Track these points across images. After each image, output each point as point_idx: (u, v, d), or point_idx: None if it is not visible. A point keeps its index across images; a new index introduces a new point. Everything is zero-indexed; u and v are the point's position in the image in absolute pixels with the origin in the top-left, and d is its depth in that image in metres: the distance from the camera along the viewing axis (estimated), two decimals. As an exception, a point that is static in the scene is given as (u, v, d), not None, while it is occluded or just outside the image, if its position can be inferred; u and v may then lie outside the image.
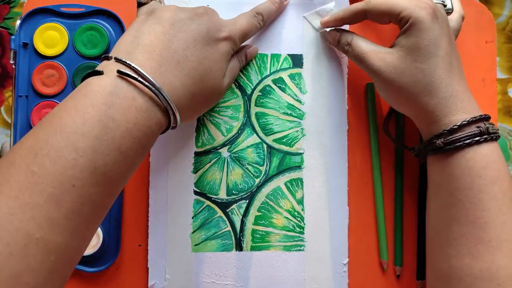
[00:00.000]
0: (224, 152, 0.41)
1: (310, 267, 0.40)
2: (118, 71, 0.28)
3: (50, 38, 0.40)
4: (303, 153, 0.41)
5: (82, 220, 0.25)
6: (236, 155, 0.41)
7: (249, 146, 0.41)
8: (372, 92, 0.42)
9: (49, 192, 0.24)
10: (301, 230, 0.40)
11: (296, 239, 0.40)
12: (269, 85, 0.41)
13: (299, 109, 0.41)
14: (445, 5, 0.38)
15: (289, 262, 0.40)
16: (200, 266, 0.39)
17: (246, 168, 0.41)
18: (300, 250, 0.40)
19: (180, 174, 0.40)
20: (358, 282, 0.40)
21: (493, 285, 0.30)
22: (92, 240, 0.36)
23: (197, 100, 0.32)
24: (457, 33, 0.39)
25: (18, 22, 0.40)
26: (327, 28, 0.40)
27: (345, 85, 0.42)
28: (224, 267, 0.39)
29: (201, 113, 0.37)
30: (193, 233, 0.40)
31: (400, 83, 0.35)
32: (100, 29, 0.40)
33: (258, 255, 0.40)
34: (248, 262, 0.40)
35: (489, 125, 0.33)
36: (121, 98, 0.27)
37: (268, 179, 0.41)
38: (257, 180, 0.40)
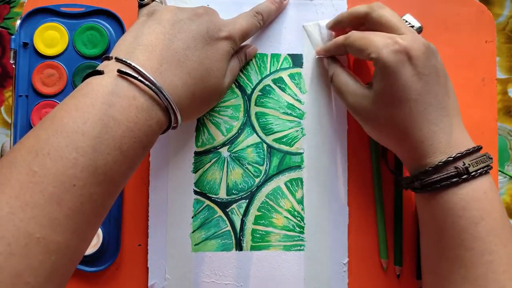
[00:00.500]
0: (224, 151, 0.41)
1: (310, 267, 0.40)
2: (119, 70, 0.28)
3: (50, 38, 0.40)
4: (303, 153, 0.41)
5: (83, 219, 0.25)
6: (236, 154, 0.41)
7: (249, 145, 0.41)
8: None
9: (50, 192, 0.24)
10: (301, 230, 0.40)
11: (296, 238, 0.40)
12: (269, 85, 0.41)
13: (299, 109, 0.41)
14: (412, 26, 0.37)
15: (289, 262, 0.40)
16: (200, 266, 0.39)
17: (246, 168, 0.41)
18: (300, 250, 0.40)
19: (180, 173, 0.40)
20: (358, 282, 0.40)
21: None
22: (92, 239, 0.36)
23: (198, 100, 0.33)
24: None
25: (18, 22, 0.40)
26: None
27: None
28: (224, 267, 0.39)
29: (202, 113, 0.37)
30: (193, 232, 0.40)
31: (375, 125, 0.35)
32: (100, 29, 0.40)
33: (258, 255, 0.40)
34: (248, 261, 0.40)
35: (472, 161, 0.31)
36: (122, 98, 0.27)
37: (268, 178, 0.41)
38: (257, 180, 0.41)
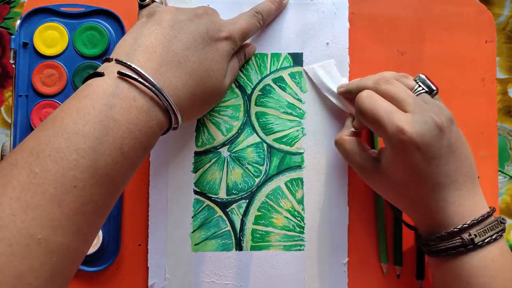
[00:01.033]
0: (224, 151, 0.41)
1: (310, 266, 0.40)
2: (119, 72, 0.28)
3: (50, 37, 0.40)
4: (303, 153, 0.41)
5: (84, 220, 0.25)
6: (236, 154, 0.41)
7: (249, 145, 0.41)
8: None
9: (51, 193, 0.24)
10: (301, 229, 0.40)
11: (296, 238, 0.40)
12: (269, 84, 0.41)
13: (300, 108, 0.41)
14: (426, 91, 0.34)
15: (289, 262, 0.40)
16: (200, 266, 0.39)
17: (246, 168, 0.41)
18: (300, 249, 0.40)
19: (180, 173, 0.40)
20: (358, 282, 0.40)
21: None
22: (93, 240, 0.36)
23: (198, 101, 0.33)
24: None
25: (18, 22, 0.40)
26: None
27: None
28: (224, 267, 0.40)
29: (203, 113, 0.37)
30: (193, 232, 0.40)
31: (381, 192, 0.36)
32: (100, 29, 0.40)
33: (258, 255, 0.40)
34: (248, 261, 0.40)
35: (480, 231, 0.31)
36: (122, 99, 0.27)
37: (268, 178, 0.41)
38: (257, 180, 0.41)
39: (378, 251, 0.40)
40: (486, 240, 0.31)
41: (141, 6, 0.34)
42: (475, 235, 0.31)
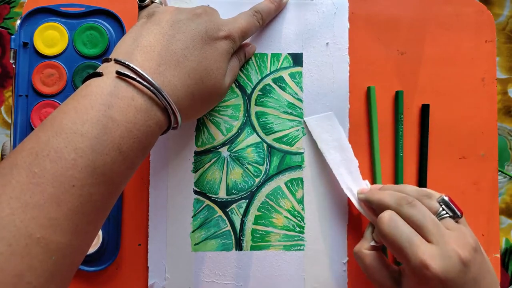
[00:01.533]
0: (224, 151, 0.41)
1: (310, 266, 0.40)
2: (117, 72, 0.28)
3: (50, 37, 0.40)
4: (303, 153, 0.41)
5: (83, 220, 0.25)
6: (236, 154, 0.41)
7: (249, 145, 0.41)
8: (373, 93, 0.42)
9: (50, 192, 0.24)
10: (301, 229, 0.40)
11: (296, 238, 0.40)
12: (269, 84, 0.41)
13: (300, 108, 0.41)
14: (450, 215, 0.33)
15: (289, 262, 0.40)
16: (200, 266, 0.39)
17: (246, 168, 0.41)
18: (300, 249, 0.40)
19: (180, 173, 0.40)
20: (358, 282, 0.40)
21: None
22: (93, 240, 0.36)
23: (198, 100, 0.33)
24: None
25: (18, 21, 0.40)
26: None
27: (346, 84, 0.41)
28: (224, 267, 0.40)
29: (203, 113, 0.37)
30: (193, 232, 0.40)
31: None
32: (100, 29, 0.40)
33: (258, 255, 0.40)
34: (248, 261, 0.40)
35: None
36: (120, 98, 0.27)
37: (268, 178, 0.41)
38: (257, 180, 0.41)
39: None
40: None
41: (141, 7, 0.34)
42: None
